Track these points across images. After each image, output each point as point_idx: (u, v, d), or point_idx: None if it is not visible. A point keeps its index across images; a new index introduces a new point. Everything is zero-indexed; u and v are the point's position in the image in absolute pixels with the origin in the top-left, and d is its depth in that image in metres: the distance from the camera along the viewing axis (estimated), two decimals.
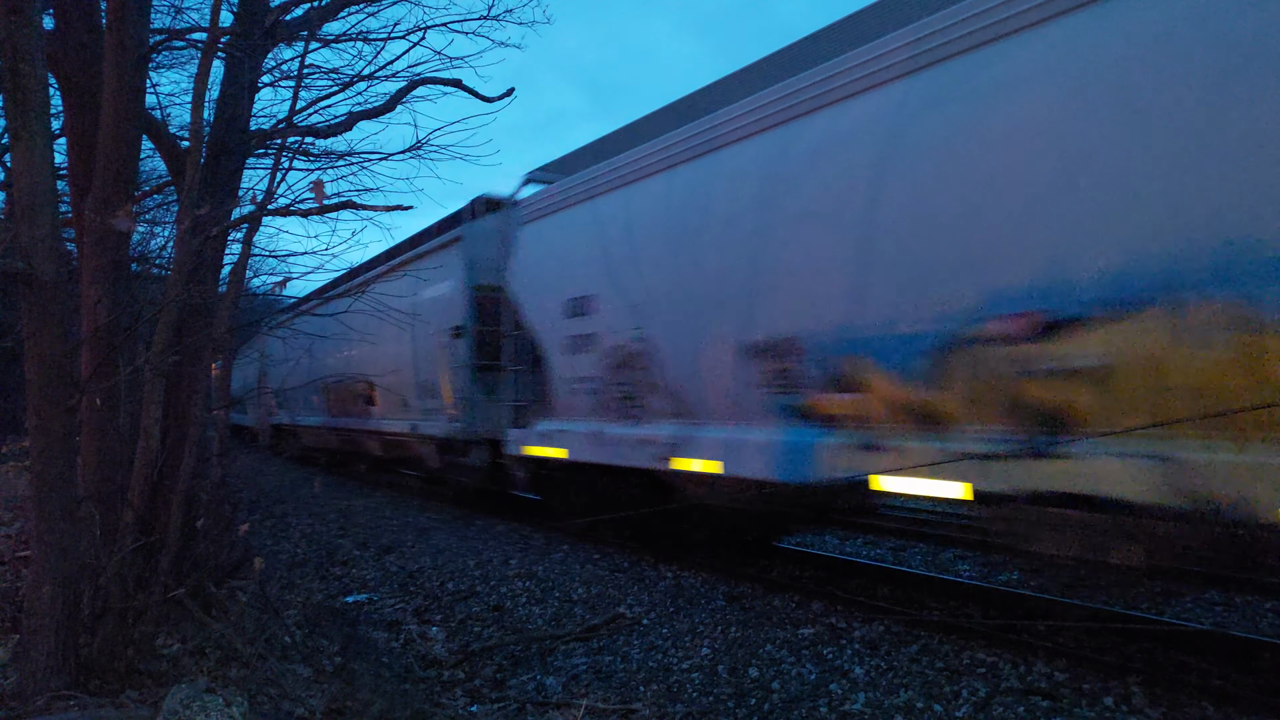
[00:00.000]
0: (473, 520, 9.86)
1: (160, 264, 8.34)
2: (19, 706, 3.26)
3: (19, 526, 6.66)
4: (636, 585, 6.30)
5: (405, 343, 10.34)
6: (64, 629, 3.39)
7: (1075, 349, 3.67)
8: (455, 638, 5.40)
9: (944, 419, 4.27)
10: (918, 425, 4.40)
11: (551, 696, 4.31)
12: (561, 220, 7.29)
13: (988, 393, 4.02)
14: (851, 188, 4.63)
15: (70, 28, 4.63)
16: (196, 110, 3.75)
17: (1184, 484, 3.33)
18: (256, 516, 9.78)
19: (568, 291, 7.04)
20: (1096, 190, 3.60)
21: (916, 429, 4.41)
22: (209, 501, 5.11)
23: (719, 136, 5.62)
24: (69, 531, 3.48)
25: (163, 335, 3.69)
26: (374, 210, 4.07)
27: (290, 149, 6.04)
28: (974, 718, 3.77)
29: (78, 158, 4.69)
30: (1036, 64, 3.84)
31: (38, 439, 3.43)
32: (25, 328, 3.45)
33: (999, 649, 4.54)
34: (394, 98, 6.14)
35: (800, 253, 4.98)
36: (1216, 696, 3.79)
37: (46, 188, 3.37)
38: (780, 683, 4.32)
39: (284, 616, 4.96)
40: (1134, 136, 3.49)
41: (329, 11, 5.73)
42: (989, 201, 3.99)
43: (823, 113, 4.89)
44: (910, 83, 4.39)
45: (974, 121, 4.06)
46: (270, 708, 3.51)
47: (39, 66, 3.34)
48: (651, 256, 6.14)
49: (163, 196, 8.61)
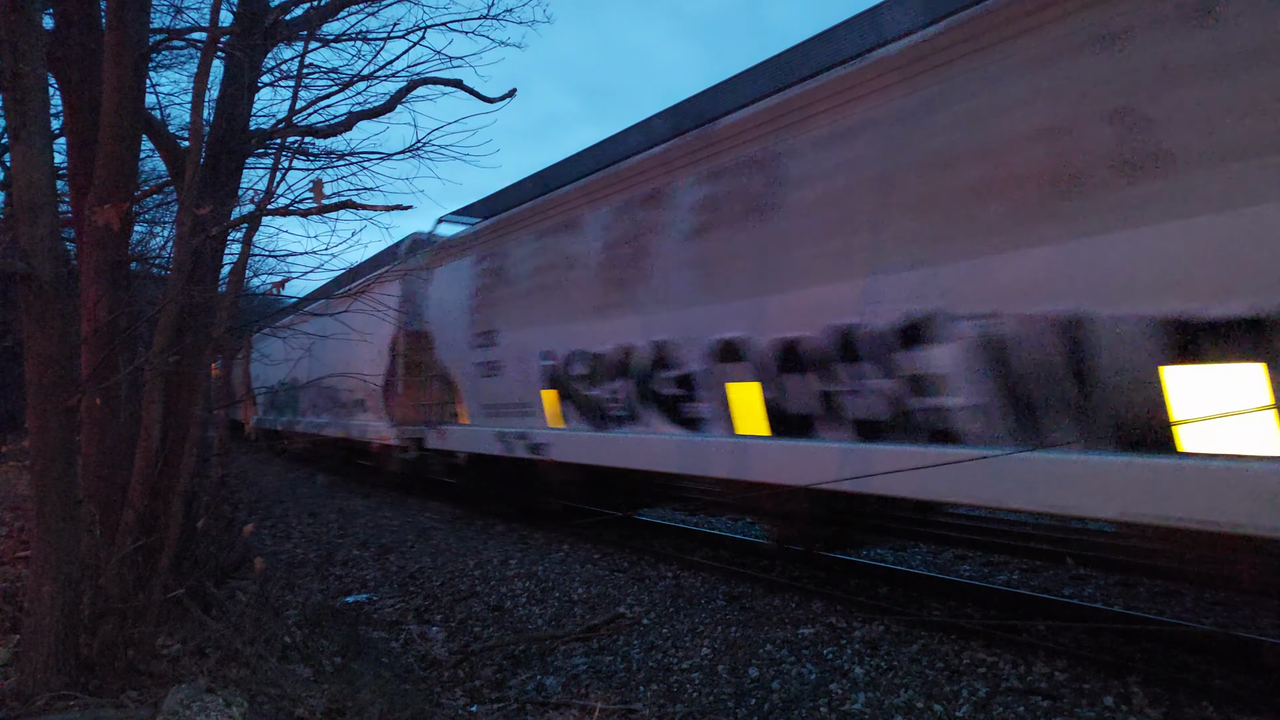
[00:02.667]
0: (473, 520, 9.87)
1: (160, 264, 8.34)
2: (19, 706, 3.26)
3: (19, 526, 6.66)
4: (636, 585, 6.29)
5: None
6: (64, 629, 3.39)
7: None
8: (455, 638, 5.40)
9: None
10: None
11: (551, 696, 4.31)
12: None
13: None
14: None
15: (70, 28, 4.63)
16: (196, 110, 3.75)
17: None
18: (257, 516, 9.78)
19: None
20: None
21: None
22: (209, 501, 5.11)
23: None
24: (69, 531, 3.48)
25: (163, 335, 3.69)
26: (373, 210, 4.06)
27: (290, 149, 6.04)
28: (974, 718, 3.77)
29: (78, 158, 4.69)
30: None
31: (38, 439, 3.43)
32: (25, 328, 3.45)
33: (999, 649, 4.54)
34: (394, 98, 6.13)
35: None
36: (1216, 696, 3.79)
37: (46, 188, 3.38)
38: (780, 682, 4.32)
39: (284, 617, 4.95)
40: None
41: (329, 11, 5.73)
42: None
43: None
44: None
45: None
46: (270, 708, 3.51)
47: (39, 66, 3.35)
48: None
49: (163, 196, 8.61)
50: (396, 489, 13.16)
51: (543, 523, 9.12)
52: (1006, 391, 3.92)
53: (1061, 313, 3.65)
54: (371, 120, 6.14)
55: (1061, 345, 3.66)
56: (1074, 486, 3.59)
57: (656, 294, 6.17)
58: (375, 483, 14.06)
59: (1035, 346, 3.76)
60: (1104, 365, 3.51)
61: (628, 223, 6.54)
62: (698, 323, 5.79)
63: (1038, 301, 3.74)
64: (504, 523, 9.54)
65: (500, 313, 8.27)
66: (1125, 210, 3.41)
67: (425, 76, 6.22)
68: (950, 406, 4.18)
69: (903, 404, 4.44)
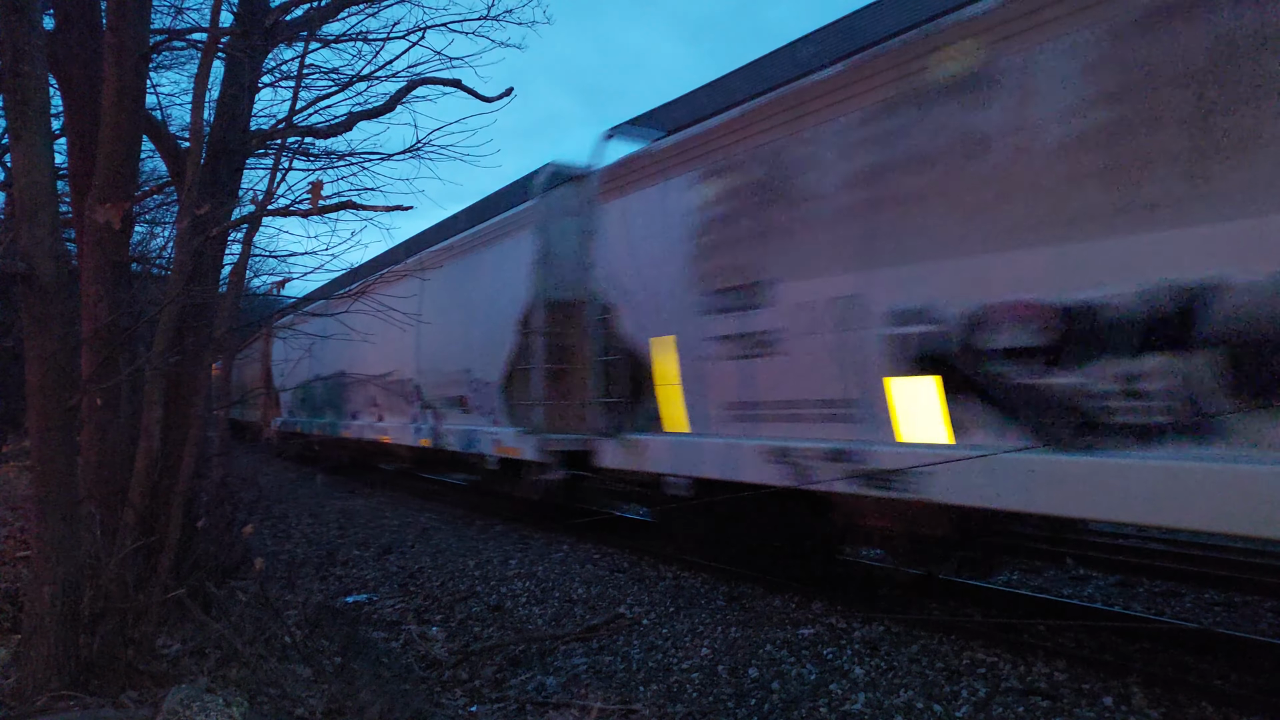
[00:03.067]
0: (473, 520, 9.87)
1: (160, 264, 8.34)
2: (19, 706, 3.26)
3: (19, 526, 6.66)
4: (636, 585, 6.29)
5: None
6: (64, 629, 3.39)
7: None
8: (455, 638, 5.40)
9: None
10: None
11: (551, 696, 4.31)
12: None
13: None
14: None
15: (70, 28, 4.63)
16: (196, 110, 3.75)
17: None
18: (257, 516, 9.78)
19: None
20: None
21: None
22: (209, 501, 5.12)
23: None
24: (69, 531, 3.48)
25: (163, 335, 3.69)
26: (373, 210, 4.07)
27: (290, 149, 6.04)
28: (974, 718, 3.77)
29: (78, 158, 4.68)
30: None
31: (38, 439, 3.43)
32: (25, 328, 3.45)
33: (999, 649, 4.54)
34: (394, 98, 6.13)
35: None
36: (1216, 696, 3.79)
37: (46, 188, 3.38)
38: (780, 683, 4.32)
39: (284, 617, 4.95)
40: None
41: (329, 12, 5.72)
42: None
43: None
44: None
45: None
46: (270, 708, 3.51)
47: (39, 66, 3.35)
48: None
49: (163, 196, 8.61)
50: (402, 490, 12.91)
51: (544, 524, 8.75)
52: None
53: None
54: (371, 120, 6.14)
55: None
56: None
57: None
58: (375, 483, 14.02)
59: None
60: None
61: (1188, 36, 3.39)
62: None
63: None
64: (504, 522, 9.54)
65: (772, 253, 5.46)
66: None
67: (425, 77, 6.21)
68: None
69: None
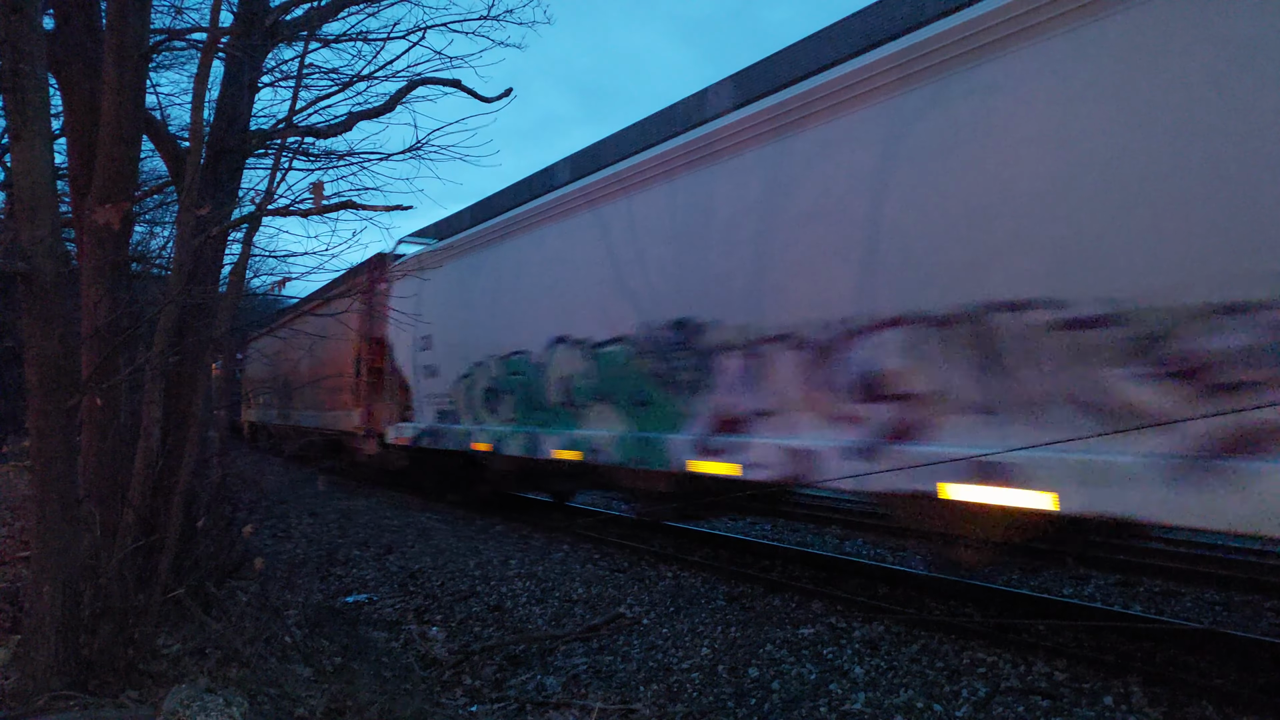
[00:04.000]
0: (473, 520, 9.87)
1: (160, 264, 8.34)
2: (19, 706, 3.26)
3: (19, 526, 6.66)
4: (636, 585, 6.29)
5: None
6: (64, 629, 3.39)
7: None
8: (455, 638, 5.40)
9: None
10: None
11: (551, 696, 4.31)
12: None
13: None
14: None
15: (70, 28, 4.62)
16: (196, 110, 3.74)
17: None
18: (257, 516, 9.77)
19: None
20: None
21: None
22: (209, 501, 5.12)
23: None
24: (69, 531, 3.48)
25: (163, 335, 3.69)
26: (373, 210, 4.07)
27: (290, 149, 6.03)
28: (974, 717, 3.77)
29: (78, 158, 4.68)
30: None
31: (38, 439, 3.43)
32: (25, 328, 3.45)
33: (999, 649, 4.54)
34: (394, 98, 6.13)
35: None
36: (1216, 696, 3.79)
37: (46, 188, 3.37)
38: (780, 683, 4.32)
39: (284, 616, 4.95)
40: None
41: (329, 11, 5.72)
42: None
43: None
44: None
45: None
46: (270, 708, 3.51)
47: (39, 66, 3.34)
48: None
49: (163, 196, 8.60)
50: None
51: (543, 522, 8.91)
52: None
53: None
54: (371, 120, 6.14)
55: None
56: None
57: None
58: (375, 483, 14.06)
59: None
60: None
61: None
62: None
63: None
64: (504, 522, 9.54)
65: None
66: None
67: (425, 77, 6.22)
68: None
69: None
